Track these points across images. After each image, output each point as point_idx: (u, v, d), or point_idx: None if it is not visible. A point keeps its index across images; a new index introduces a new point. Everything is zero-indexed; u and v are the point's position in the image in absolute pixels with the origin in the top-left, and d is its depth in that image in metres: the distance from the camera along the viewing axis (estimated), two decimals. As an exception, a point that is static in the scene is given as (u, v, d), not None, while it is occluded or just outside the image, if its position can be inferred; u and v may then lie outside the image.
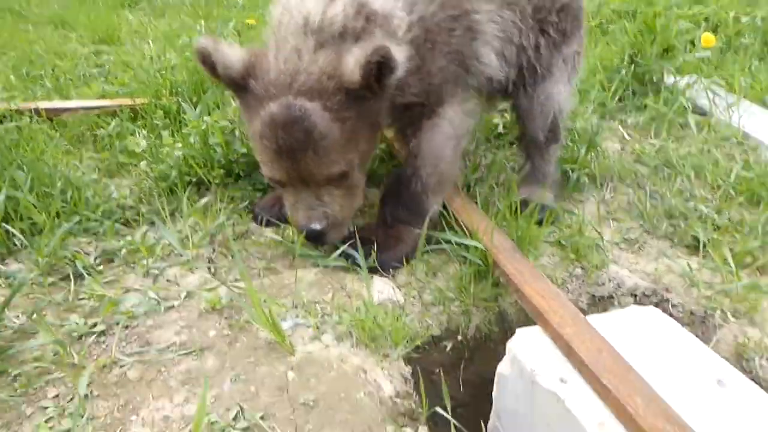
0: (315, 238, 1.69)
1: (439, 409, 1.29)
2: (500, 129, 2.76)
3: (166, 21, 4.58)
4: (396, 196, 1.85)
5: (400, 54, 1.49)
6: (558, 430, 1.30)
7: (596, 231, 1.99)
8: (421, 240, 1.79)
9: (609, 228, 2.09)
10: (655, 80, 3.12)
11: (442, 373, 1.68)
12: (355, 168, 1.66)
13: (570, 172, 2.34)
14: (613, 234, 2.05)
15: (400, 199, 1.84)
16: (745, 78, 3.24)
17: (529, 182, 2.19)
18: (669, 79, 3.15)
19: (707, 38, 3.43)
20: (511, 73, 2.00)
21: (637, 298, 1.83)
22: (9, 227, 1.76)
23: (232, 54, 1.60)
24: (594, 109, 2.89)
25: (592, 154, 2.45)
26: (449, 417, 1.22)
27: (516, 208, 1.86)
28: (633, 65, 3.11)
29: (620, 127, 2.86)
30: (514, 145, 2.51)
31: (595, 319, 1.47)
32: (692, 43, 3.58)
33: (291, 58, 1.56)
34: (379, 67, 1.48)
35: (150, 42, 3.69)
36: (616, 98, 3.04)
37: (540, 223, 1.89)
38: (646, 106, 2.97)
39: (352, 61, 1.49)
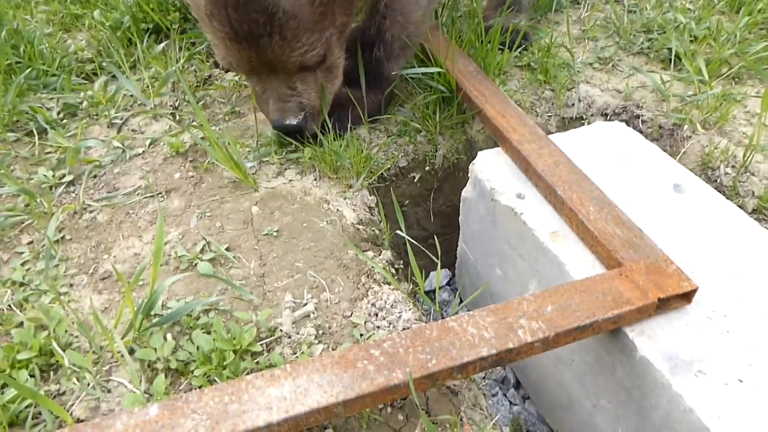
0: (291, 134, 1.49)
1: (399, 232, 1.33)
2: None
3: None
4: (353, 56, 1.61)
5: None
6: (516, 245, 1.34)
7: (568, 51, 1.92)
8: (383, 105, 1.66)
9: (583, 47, 2.02)
10: None
11: (408, 204, 1.72)
12: (333, 47, 1.40)
13: (545, -9, 2.22)
14: (587, 54, 1.99)
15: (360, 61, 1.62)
16: None
17: (495, 6, 2.07)
18: None
19: None
20: None
21: (608, 117, 1.81)
22: (-39, 85, 1.73)
23: None
24: None
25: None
26: (405, 236, 1.26)
27: (482, 33, 1.79)
28: None
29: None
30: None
31: (558, 137, 1.47)
32: None
33: None
34: None
35: None
36: None
37: (509, 46, 1.82)
38: None
39: None
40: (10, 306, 1.19)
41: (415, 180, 1.66)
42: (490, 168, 1.40)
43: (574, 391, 1.24)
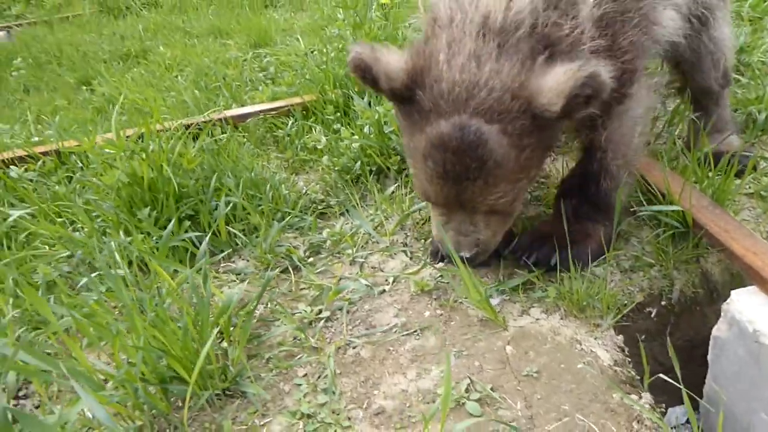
0: (461, 261, 1.55)
1: (662, 375, 1.33)
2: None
3: (308, 14, 4.82)
4: (579, 192, 1.70)
5: (607, 75, 1.28)
6: (790, 389, 1.28)
7: (800, 177, 1.87)
8: (613, 238, 1.69)
9: (813, 171, 1.96)
10: None
11: (644, 339, 1.70)
12: (519, 196, 1.52)
13: (756, 113, 2.19)
14: (818, 177, 1.92)
15: (586, 196, 1.69)
16: None
17: (713, 132, 2.08)
18: None
19: None
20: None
21: None
22: (231, 228, 2.02)
23: (394, 61, 1.41)
24: (774, 38, 2.66)
25: (781, 89, 2.28)
26: (677, 382, 1.25)
27: (708, 162, 1.80)
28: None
29: (808, 55, 2.61)
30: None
31: (817, 274, 1.42)
32: None
33: (468, 67, 1.35)
34: (587, 98, 1.28)
35: (299, 37, 3.92)
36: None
37: (739, 174, 1.82)
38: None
39: (553, 87, 1.28)
40: (303, 438, 1.32)
41: (652, 315, 1.65)
42: (750, 308, 1.37)
43: None
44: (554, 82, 1.29)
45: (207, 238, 1.80)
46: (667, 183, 1.71)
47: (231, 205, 2.07)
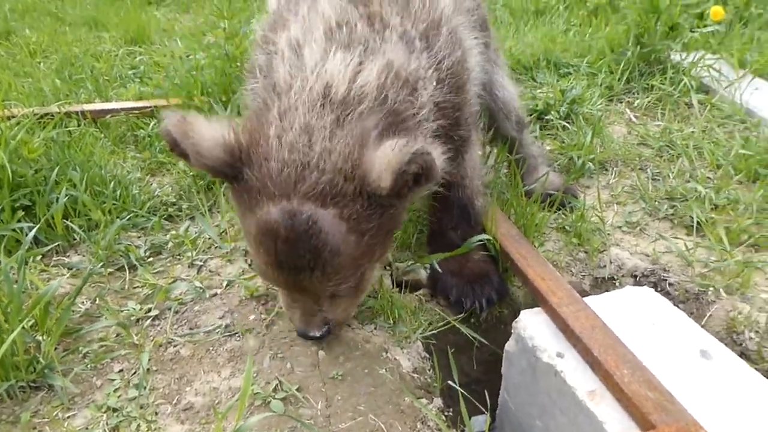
0: (311, 339, 1.52)
1: (450, 382, 1.48)
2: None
3: (191, 17, 4.78)
4: (462, 220, 1.81)
5: (440, 158, 1.24)
6: (556, 400, 1.47)
7: (598, 216, 2.13)
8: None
9: (612, 211, 2.24)
10: (661, 59, 3.22)
11: (453, 352, 1.87)
12: (366, 275, 1.44)
13: (576, 158, 2.48)
14: (616, 217, 2.20)
15: (469, 223, 1.81)
16: (751, 52, 3.31)
17: (529, 172, 2.33)
18: (676, 57, 3.24)
19: (716, 11, 3.49)
20: None
21: (637, 278, 1.98)
22: (69, 223, 1.98)
23: (209, 137, 1.24)
24: (601, 92, 3.01)
25: (598, 139, 2.59)
26: (457, 387, 1.41)
27: (521, 196, 2.03)
28: (639, 46, 3.20)
29: (627, 110, 2.98)
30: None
31: (592, 300, 1.64)
32: (701, 16, 3.64)
33: (299, 144, 1.25)
34: (416, 176, 1.22)
35: (178, 40, 3.89)
36: (623, 80, 3.15)
37: (545, 207, 2.06)
38: (652, 87, 3.08)
39: (382, 164, 1.20)
40: (104, 431, 1.34)
41: (461, 331, 1.82)
42: (532, 327, 1.57)
43: None
44: (383, 156, 1.20)
45: (35, 228, 1.77)
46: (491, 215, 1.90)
47: (72, 199, 2.04)
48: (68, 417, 1.39)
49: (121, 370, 1.53)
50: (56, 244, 1.92)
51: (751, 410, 1.31)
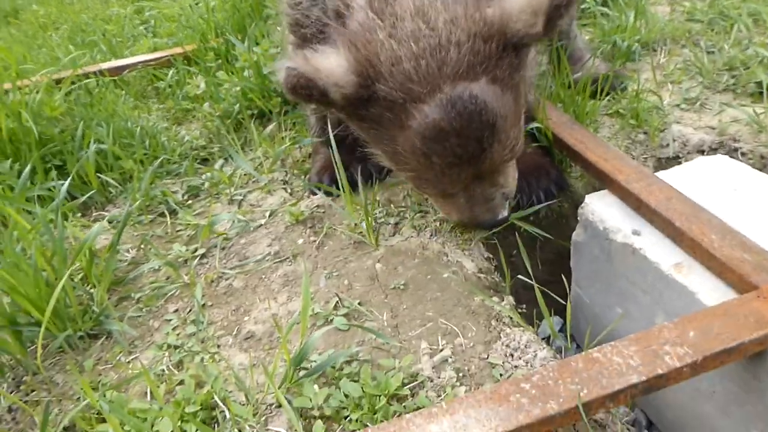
0: (498, 224, 1.45)
1: (521, 276, 1.38)
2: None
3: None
4: None
5: None
6: (638, 281, 1.36)
7: (655, 94, 1.97)
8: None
9: (668, 91, 2.06)
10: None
11: (516, 252, 1.76)
12: (521, 132, 1.35)
13: (620, 41, 2.29)
14: (673, 96, 2.03)
15: None
16: None
17: (573, 62, 2.16)
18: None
19: None
20: None
21: (705, 153, 1.83)
22: (103, 176, 1.93)
23: (336, 64, 1.16)
24: (640, -27, 2.77)
25: (642, 20, 2.38)
26: (532, 281, 1.31)
27: (569, 85, 1.87)
28: None
29: (669, -11, 2.75)
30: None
31: (663, 174, 1.50)
32: None
33: (419, 31, 1.15)
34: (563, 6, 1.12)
35: (185, -9, 3.76)
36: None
37: (594, 94, 1.90)
38: (695, -40, 2.82)
39: (525, 8, 1.13)
40: (168, 367, 1.29)
41: (521, 230, 1.71)
42: (601, 209, 1.45)
43: (718, 424, 1.21)
44: (524, 2, 1.14)
45: (68, 181, 1.71)
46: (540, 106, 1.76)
47: (102, 154, 1.98)
48: (131, 360, 1.35)
49: (176, 310, 1.48)
50: (91, 197, 1.87)
51: None
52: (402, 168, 1.31)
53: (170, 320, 1.44)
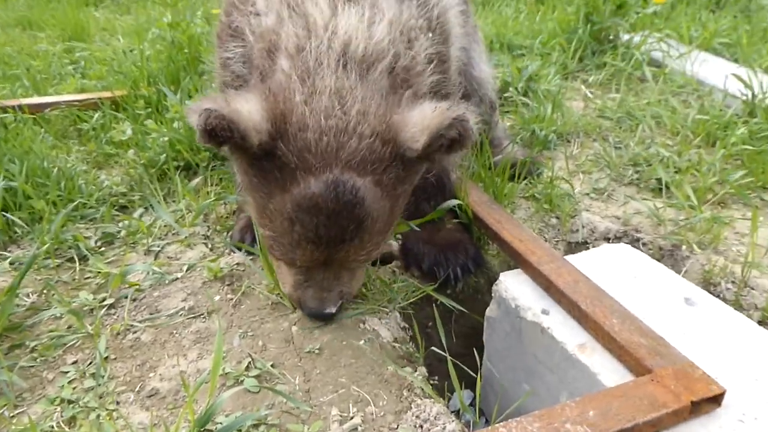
0: (324, 318, 1.44)
1: (435, 348, 1.41)
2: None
3: (133, 17, 4.61)
4: (437, 191, 1.72)
5: (475, 126, 1.19)
6: (544, 359, 1.42)
7: (567, 182, 2.11)
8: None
9: (579, 180, 2.22)
10: (611, 37, 3.28)
11: (431, 325, 1.80)
12: (385, 242, 1.38)
13: (538, 131, 2.46)
14: (583, 185, 2.18)
15: (443, 194, 1.73)
16: (695, 28, 3.41)
17: (493, 147, 2.29)
18: (624, 36, 3.31)
19: (659, -5, 3.59)
20: None
21: (610, 240, 1.96)
22: (9, 215, 1.83)
23: (255, 110, 1.15)
24: (557, 70, 3.02)
25: (558, 113, 2.58)
26: (444, 353, 1.34)
27: (490, 167, 1.98)
28: (589, 24, 3.25)
29: (582, 87, 3.01)
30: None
31: (571, 258, 1.59)
32: (645, -1, 3.74)
33: (332, 110, 1.18)
34: (451, 142, 1.17)
35: (120, 37, 3.73)
36: (577, 58, 3.18)
37: (513, 177, 2.02)
38: (605, 64, 3.13)
39: (418, 122, 1.17)
40: (59, 424, 1.21)
41: (438, 303, 1.75)
42: (514, 287, 1.51)
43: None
44: (421, 117, 1.17)
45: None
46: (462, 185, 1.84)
47: (11, 191, 1.89)
48: (15, 414, 1.25)
49: (75, 362, 1.39)
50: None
51: (740, 351, 1.28)
52: (264, 224, 1.31)
53: (67, 372, 1.36)
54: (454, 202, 1.75)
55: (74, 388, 1.30)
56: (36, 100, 2.64)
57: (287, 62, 1.25)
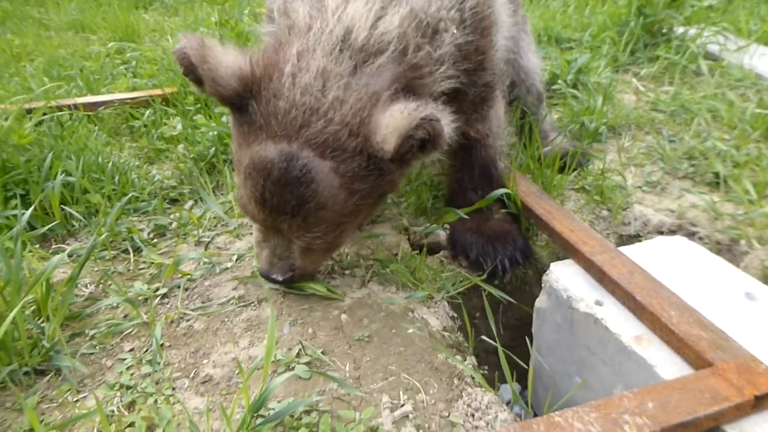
0: (271, 281, 1.48)
1: (485, 338, 1.39)
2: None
3: (181, 18, 4.71)
4: (482, 179, 1.73)
5: (448, 126, 1.20)
6: (597, 351, 1.39)
7: (619, 174, 2.06)
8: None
9: (630, 173, 2.16)
10: (664, 31, 3.18)
11: (479, 317, 1.78)
12: (344, 235, 1.41)
13: (588, 123, 2.41)
14: (635, 178, 2.13)
15: (490, 182, 1.73)
16: (754, 21, 3.28)
17: (541, 141, 2.26)
18: (679, 29, 3.21)
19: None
20: None
21: (664, 234, 1.90)
22: (68, 209, 1.89)
23: (226, 64, 1.21)
24: (607, 63, 2.95)
25: (609, 105, 2.52)
26: (496, 344, 1.32)
27: (539, 158, 1.95)
28: (641, 17, 3.16)
29: (634, 80, 2.93)
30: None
31: (625, 249, 1.56)
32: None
33: (312, 88, 1.20)
34: (422, 143, 1.18)
35: (169, 37, 3.81)
36: (628, 51, 3.10)
37: (562, 169, 1.98)
38: (658, 57, 3.04)
39: (389, 127, 1.17)
40: (119, 408, 1.24)
41: (485, 294, 1.73)
42: (565, 278, 1.48)
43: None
44: (391, 119, 1.17)
45: (29, 211, 1.67)
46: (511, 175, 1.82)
47: (69, 187, 1.95)
48: (79, 399, 1.29)
49: (132, 349, 1.43)
50: (52, 229, 1.82)
51: (809, 345, 1.23)
52: (237, 178, 1.35)
53: (125, 359, 1.39)
54: (503, 191, 1.73)
55: (132, 375, 1.34)
56: (90, 99, 2.72)
57: (295, 39, 1.30)
